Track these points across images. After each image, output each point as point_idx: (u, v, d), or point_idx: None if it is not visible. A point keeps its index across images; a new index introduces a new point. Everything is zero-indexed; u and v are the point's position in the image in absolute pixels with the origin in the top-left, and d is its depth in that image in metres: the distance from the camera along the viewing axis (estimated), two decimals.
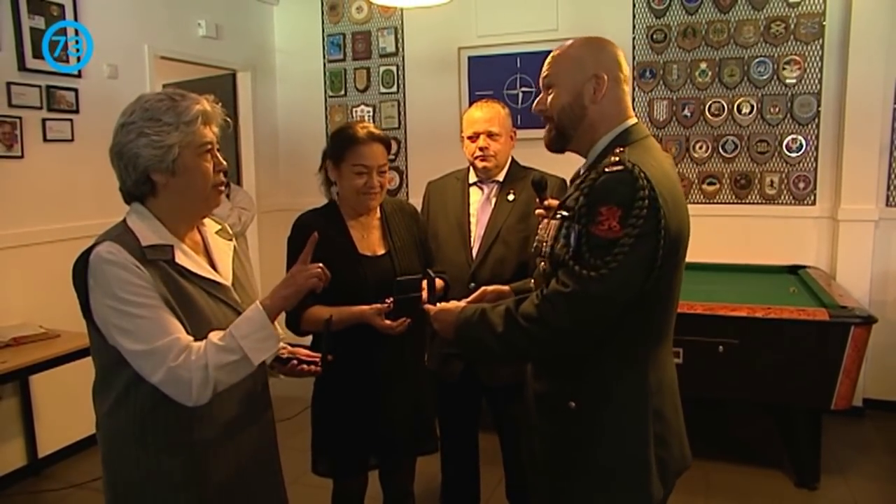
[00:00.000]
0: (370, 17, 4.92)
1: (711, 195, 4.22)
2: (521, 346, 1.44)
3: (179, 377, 1.31)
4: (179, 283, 1.40)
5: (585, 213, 1.34)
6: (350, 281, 2.01)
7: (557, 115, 1.49)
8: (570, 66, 1.48)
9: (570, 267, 1.34)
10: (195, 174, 1.42)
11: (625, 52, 4.22)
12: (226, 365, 1.34)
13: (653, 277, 1.34)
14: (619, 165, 1.33)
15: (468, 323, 1.51)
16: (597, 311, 1.34)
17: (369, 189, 2.03)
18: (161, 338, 1.32)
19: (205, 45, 4.49)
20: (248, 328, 1.38)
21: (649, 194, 1.30)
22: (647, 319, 1.41)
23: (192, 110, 1.40)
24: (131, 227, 1.41)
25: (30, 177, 3.35)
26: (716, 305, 3.06)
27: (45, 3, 3.35)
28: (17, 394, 3.31)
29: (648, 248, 1.31)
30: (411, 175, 4.94)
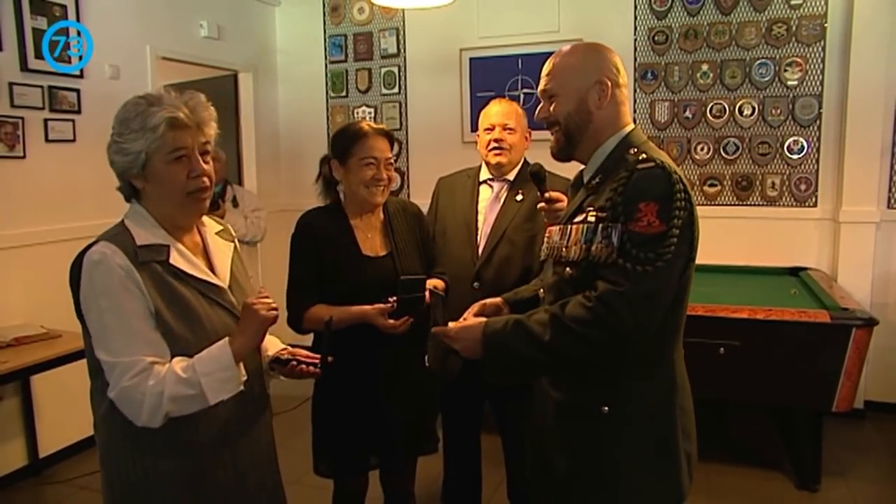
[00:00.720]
0: (372, 18, 4.92)
1: (713, 197, 4.21)
2: (576, 353, 1.38)
3: (131, 398, 1.31)
4: (172, 285, 1.40)
5: (623, 212, 1.34)
6: (352, 281, 2.02)
7: (564, 121, 1.50)
8: (573, 73, 1.48)
9: (621, 265, 1.33)
10: (164, 181, 1.40)
11: (626, 53, 4.20)
12: (181, 398, 1.33)
13: (687, 272, 1.38)
14: (650, 162, 1.35)
15: (500, 336, 1.44)
16: (654, 306, 1.34)
17: (378, 181, 2.04)
18: (125, 354, 1.31)
19: (206, 46, 4.49)
20: (212, 366, 1.35)
21: (683, 188, 1.33)
22: (672, 317, 1.42)
23: (157, 116, 1.36)
24: (128, 227, 1.42)
25: (32, 177, 3.35)
26: (717, 307, 3.06)
27: (48, 4, 3.36)
28: (18, 394, 3.31)
29: (686, 241, 1.35)
30: (413, 176, 4.94)
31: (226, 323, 1.46)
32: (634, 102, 4.29)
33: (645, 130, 4.24)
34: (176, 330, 1.38)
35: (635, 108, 4.29)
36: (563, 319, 1.37)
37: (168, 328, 1.37)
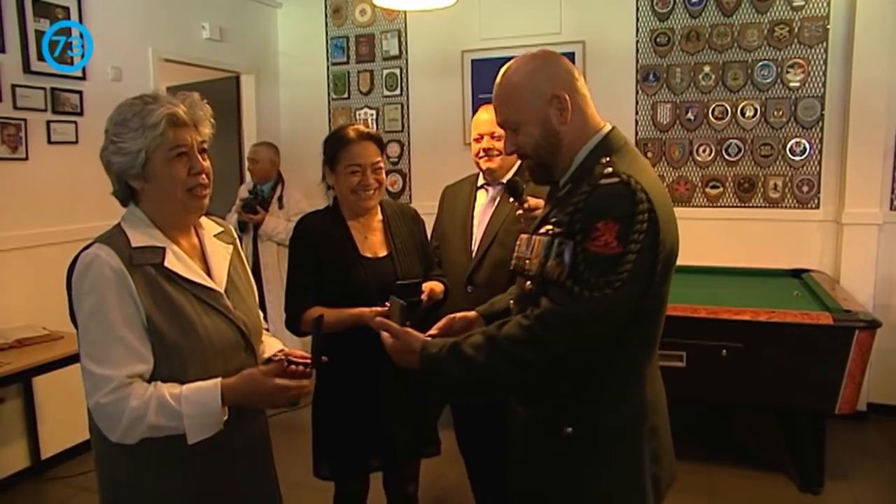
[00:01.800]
0: (374, 19, 4.92)
1: (715, 198, 4.20)
2: (509, 375, 1.32)
3: (108, 414, 1.30)
4: (166, 288, 1.38)
5: (580, 230, 1.26)
6: (351, 282, 2.02)
7: (534, 151, 1.41)
8: (526, 97, 1.38)
9: (569, 287, 1.25)
10: (165, 179, 1.39)
11: (628, 55, 4.19)
12: (160, 427, 1.32)
13: (650, 293, 1.29)
14: (615, 177, 1.26)
15: (435, 360, 1.36)
16: (595, 330, 1.26)
17: (364, 187, 2.03)
18: (103, 363, 1.30)
19: (208, 48, 4.49)
20: (199, 409, 1.33)
21: (648, 208, 1.24)
22: (641, 336, 1.36)
23: (156, 114, 1.35)
24: (124, 229, 1.42)
25: (34, 179, 3.35)
26: (719, 309, 3.05)
27: (50, 6, 3.36)
28: (20, 395, 3.31)
29: (647, 264, 1.26)
30: (414, 178, 4.93)
31: (220, 328, 1.44)
32: (636, 104, 4.29)
33: (647, 132, 4.26)
34: (167, 335, 1.36)
35: (637, 110, 4.29)
36: (497, 339, 1.31)
37: (160, 333, 1.35)
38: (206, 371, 1.39)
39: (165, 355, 1.36)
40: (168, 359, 1.36)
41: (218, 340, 1.43)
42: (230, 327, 1.46)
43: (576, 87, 1.40)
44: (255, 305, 1.61)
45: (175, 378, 1.36)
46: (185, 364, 1.38)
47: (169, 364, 1.37)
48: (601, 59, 4.32)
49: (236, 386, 1.37)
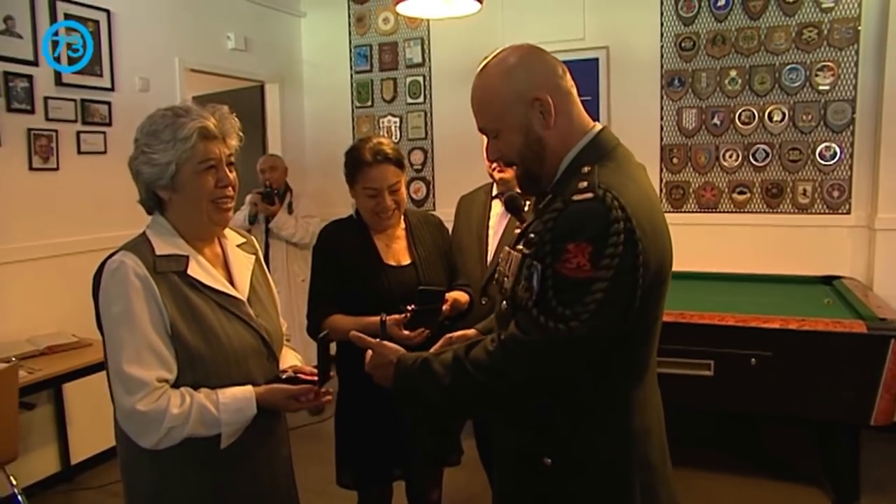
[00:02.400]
0: (397, 28, 4.94)
1: (742, 204, 4.14)
2: (469, 400, 1.24)
3: (146, 421, 1.32)
4: (189, 296, 1.41)
5: (550, 251, 1.14)
6: (374, 290, 2.02)
7: (518, 159, 1.29)
8: (504, 101, 1.26)
9: (534, 316, 1.14)
10: (193, 191, 1.42)
11: (653, 60, 4.13)
12: (197, 436, 1.37)
13: (629, 320, 1.16)
14: (589, 192, 1.14)
15: (408, 374, 1.29)
16: (562, 363, 1.16)
17: (382, 210, 2.02)
18: (137, 370, 1.32)
19: (234, 58, 4.56)
20: (236, 415, 1.39)
21: (625, 227, 1.11)
22: (626, 360, 1.24)
23: (188, 127, 1.38)
24: (149, 237, 1.45)
25: (64, 188, 3.42)
26: (747, 317, 3.00)
27: (82, 20, 3.44)
28: (50, 401, 3.37)
29: (625, 288, 1.13)
30: (438, 185, 4.94)
31: (242, 336, 1.46)
32: (661, 110, 4.25)
33: (672, 138, 4.21)
34: (191, 342, 1.38)
35: (662, 116, 4.25)
36: (463, 362, 1.22)
37: (183, 340, 1.38)
38: (228, 378, 1.42)
39: (188, 362, 1.38)
40: (191, 366, 1.39)
41: (240, 347, 1.44)
42: (252, 335, 1.48)
43: (559, 86, 1.26)
44: (276, 314, 1.63)
45: (198, 385, 1.39)
46: (208, 371, 1.40)
47: (192, 371, 1.39)
48: (625, 64, 4.29)
49: (265, 395, 1.44)
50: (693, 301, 3.23)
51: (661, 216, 1.25)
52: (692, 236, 4.14)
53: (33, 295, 3.28)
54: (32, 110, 3.23)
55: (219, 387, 1.40)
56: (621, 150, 1.29)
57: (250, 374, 1.46)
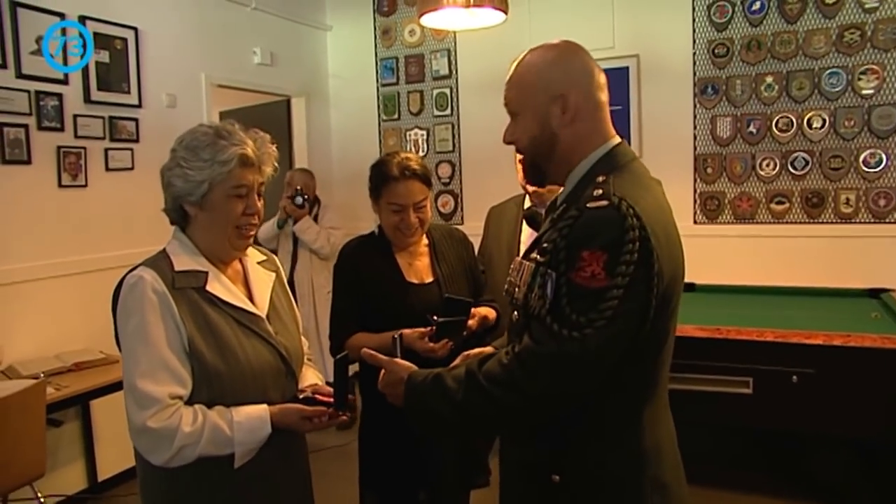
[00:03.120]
0: (423, 39, 4.96)
1: (780, 215, 4.05)
2: (483, 415, 1.22)
3: (157, 438, 1.33)
4: (207, 312, 1.42)
5: (564, 259, 1.14)
6: (397, 308, 1.99)
7: (527, 147, 1.33)
8: (531, 87, 1.29)
9: (548, 324, 1.14)
10: (220, 213, 1.44)
11: (685, 68, 4.06)
12: (209, 455, 1.37)
13: (644, 330, 1.16)
14: (604, 200, 1.15)
15: (418, 390, 1.28)
16: (578, 374, 1.15)
17: (405, 227, 2.00)
18: (149, 385, 1.34)
19: (260, 73, 4.62)
20: (250, 435, 1.39)
21: (640, 234, 1.12)
22: (639, 375, 1.24)
23: (229, 151, 1.41)
24: (168, 253, 1.47)
25: (93, 205, 3.49)
26: (788, 332, 2.91)
27: (110, 38, 3.53)
28: (78, 418, 3.42)
29: (640, 298, 1.13)
30: (466, 199, 4.93)
31: (260, 353, 1.47)
32: (694, 119, 4.18)
33: (706, 147, 4.14)
34: (208, 359, 1.39)
35: (695, 125, 4.18)
36: (476, 376, 1.21)
37: (200, 357, 1.38)
38: (245, 396, 1.42)
39: (205, 379, 1.39)
40: (207, 383, 1.39)
41: (258, 365, 1.45)
42: (271, 352, 1.49)
43: (590, 92, 1.28)
44: (297, 332, 1.64)
45: (214, 402, 1.40)
46: (224, 388, 1.41)
47: (208, 388, 1.40)
48: (656, 72, 4.24)
49: (279, 415, 1.43)
50: (730, 316, 3.16)
51: (675, 229, 1.26)
52: (728, 248, 4.08)
53: (62, 311, 3.34)
54: (62, 128, 3.32)
55: (235, 404, 1.40)
56: (637, 164, 1.30)
57: (267, 392, 1.46)
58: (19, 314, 3.18)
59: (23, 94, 3.14)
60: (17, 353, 3.13)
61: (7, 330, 3.12)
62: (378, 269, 2.03)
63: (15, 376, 2.89)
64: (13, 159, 3.11)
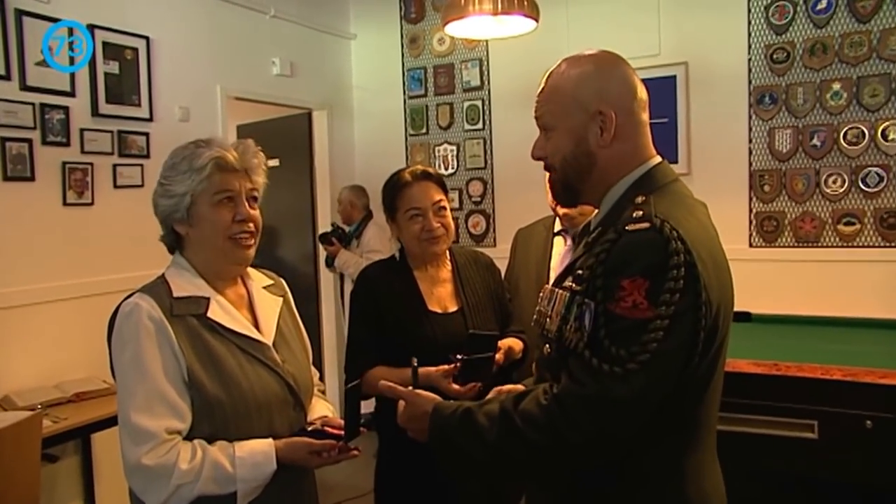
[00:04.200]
0: (453, 48, 4.96)
1: (849, 237, 3.89)
2: (518, 459, 1.20)
3: (153, 477, 1.33)
4: (208, 340, 1.43)
5: (602, 287, 1.13)
6: (418, 339, 1.98)
7: (560, 166, 1.30)
8: (567, 102, 1.28)
9: (587, 360, 1.12)
10: (208, 224, 1.46)
11: (739, 76, 3.95)
12: (209, 495, 1.36)
13: (692, 365, 1.14)
14: (645, 222, 1.13)
15: (446, 426, 1.27)
16: (624, 417, 1.12)
17: (429, 233, 2.01)
18: (144, 420, 1.34)
19: (279, 84, 4.65)
20: (253, 471, 1.39)
21: (685, 259, 1.10)
22: (681, 417, 1.21)
23: (204, 156, 1.43)
24: (167, 278, 1.49)
25: (99, 224, 3.51)
26: (860, 370, 2.76)
27: (120, 48, 3.57)
28: (77, 452, 3.40)
29: (686, 330, 1.11)
30: (499, 219, 4.88)
31: (266, 382, 1.47)
32: (749, 131, 4.08)
33: (763, 162, 4.04)
34: (209, 389, 1.40)
35: (750, 138, 4.07)
36: (512, 416, 1.19)
37: (201, 387, 1.39)
38: (249, 428, 1.43)
39: (206, 411, 1.40)
40: (209, 415, 1.40)
41: (263, 395, 1.46)
42: (277, 382, 1.50)
43: (631, 109, 1.27)
44: (306, 361, 1.65)
45: (216, 436, 1.40)
46: (227, 421, 1.41)
47: (210, 421, 1.40)
48: (707, 81, 4.15)
49: (285, 449, 1.44)
50: (790, 350, 3.04)
51: (723, 254, 1.25)
52: (788, 274, 3.97)
53: (64, 337, 3.35)
54: (68, 143, 3.34)
55: (238, 438, 1.41)
56: (679, 184, 1.30)
57: (273, 424, 1.47)
58: (18, 340, 3.19)
59: (27, 106, 3.17)
60: (14, 383, 3.13)
61: (4, 357, 3.13)
62: (398, 297, 2.04)
63: (10, 407, 2.89)
64: (16, 175, 3.14)
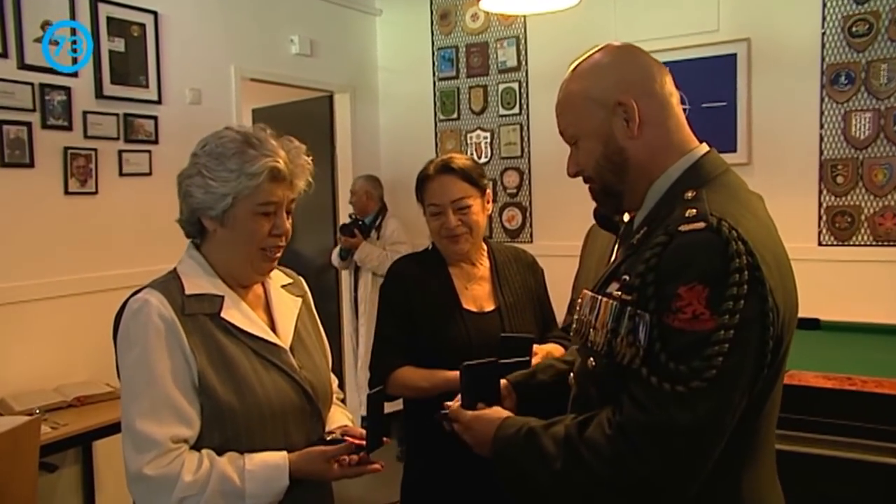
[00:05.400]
0: (487, 25, 4.91)
1: None
2: (587, 490, 1.19)
3: (155, 489, 1.33)
4: (221, 341, 1.44)
5: (655, 295, 1.10)
6: (449, 340, 1.98)
7: (595, 172, 1.31)
8: (584, 105, 1.28)
9: (645, 378, 1.10)
10: (243, 232, 1.46)
11: (810, 52, 3.78)
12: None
13: (761, 379, 1.12)
14: (699, 221, 1.11)
15: (512, 446, 1.30)
16: (695, 445, 1.10)
17: (448, 231, 2.01)
18: (148, 426, 1.35)
19: (298, 64, 4.64)
20: (264, 487, 1.38)
21: (747, 262, 1.07)
22: (736, 435, 1.17)
23: (259, 163, 1.41)
24: (179, 274, 1.49)
25: (104, 215, 3.50)
26: None
27: (126, 24, 3.56)
28: (77, 461, 3.39)
29: (753, 340, 1.09)
30: (536, 213, 4.85)
31: (282, 389, 1.48)
32: (821, 115, 3.93)
33: (836, 150, 3.91)
34: (221, 395, 1.40)
35: (822, 123, 3.93)
36: (577, 445, 1.18)
37: (212, 393, 1.40)
38: (263, 438, 1.44)
39: (217, 418, 1.40)
40: (220, 423, 1.41)
41: (279, 403, 1.46)
42: (294, 388, 1.50)
43: (653, 92, 1.26)
44: (325, 366, 1.65)
45: (227, 446, 1.41)
46: (239, 429, 1.42)
47: (220, 429, 1.41)
48: (772, 60, 4.02)
49: (299, 462, 1.43)
50: (864, 362, 2.94)
51: (785, 253, 1.23)
52: (864, 276, 3.84)
53: (65, 337, 3.34)
54: (70, 127, 3.34)
55: (251, 449, 1.42)
56: (732, 175, 1.28)
57: (289, 434, 1.48)
58: (16, 339, 3.18)
59: (25, 87, 3.16)
60: (11, 385, 3.13)
61: (0, 358, 3.12)
62: (429, 293, 2.04)
63: (7, 412, 2.89)
64: (13, 162, 3.14)
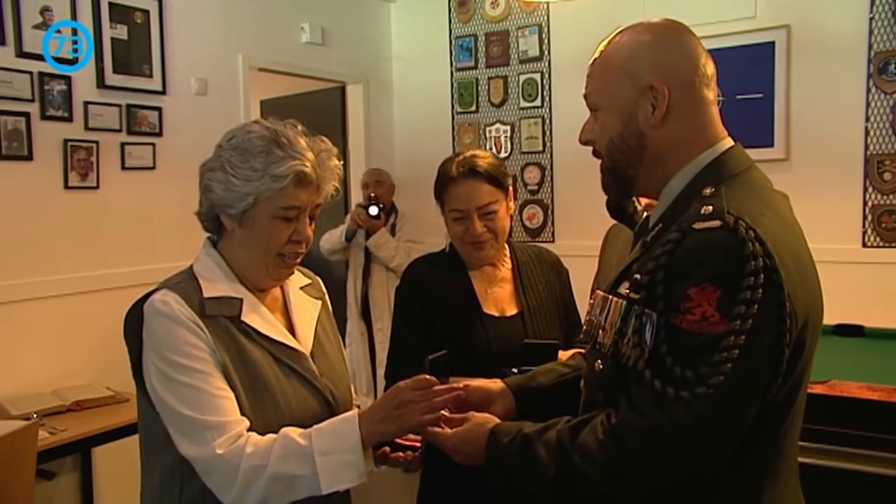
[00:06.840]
0: (508, 13, 4.92)
1: None
2: (581, 498, 1.21)
3: (225, 467, 1.33)
4: (243, 345, 1.44)
5: (663, 295, 1.11)
6: (469, 345, 1.97)
7: (607, 150, 1.30)
8: (617, 76, 1.26)
9: (648, 382, 1.10)
10: (261, 235, 1.46)
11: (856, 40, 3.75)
12: (286, 477, 1.33)
13: (775, 388, 1.11)
14: (715, 219, 1.11)
15: (505, 457, 1.30)
16: (694, 451, 1.11)
17: (472, 238, 1.99)
18: (210, 413, 1.35)
19: (308, 54, 4.66)
20: (333, 444, 1.36)
21: (764, 264, 1.07)
22: (757, 448, 1.18)
23: (286, 165, 1.41)
24: (196, 275, 1.49)
25: (105, 211, 3.52)
26: None
27: (129, 10, 3.58)
28: (76, 468, 3.41)
29: (767, 347, 1.08)
30: (558, 211, 4.85)
31: (302, 397, 1.48)
32: (867, 106, 3.89)
33: (883, 144, 3.87)
34: (244, 401, 1.41)
35: (867, 115, 3.89)
36: (570, 452, 1.19)
37: (236, 398, 1.40)
38: None
39: None
40: None
41: (300, 412, 1.46)
42: (315, 396, 1.51)
43: (690, 84, 1.24)
44: (344, 373, 1.66)
45: None
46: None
47: None
48: (813, 47, 3.99)
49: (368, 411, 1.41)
50: None
51: (810, 257, 1.23)
52: None
53: (64, 338, 3.37)
54: (70, 118, 3.36)
55: None
56: (756, 172, 1.27)
57: None
58: (12, 340, 3.21)
59: (24, 75, 3.18)
60: (7, 388, 3.15)
61: None
62: (448, 296, 2.04)
63: (3, 416, 2.90)
64: (11, 154, 3.16)
